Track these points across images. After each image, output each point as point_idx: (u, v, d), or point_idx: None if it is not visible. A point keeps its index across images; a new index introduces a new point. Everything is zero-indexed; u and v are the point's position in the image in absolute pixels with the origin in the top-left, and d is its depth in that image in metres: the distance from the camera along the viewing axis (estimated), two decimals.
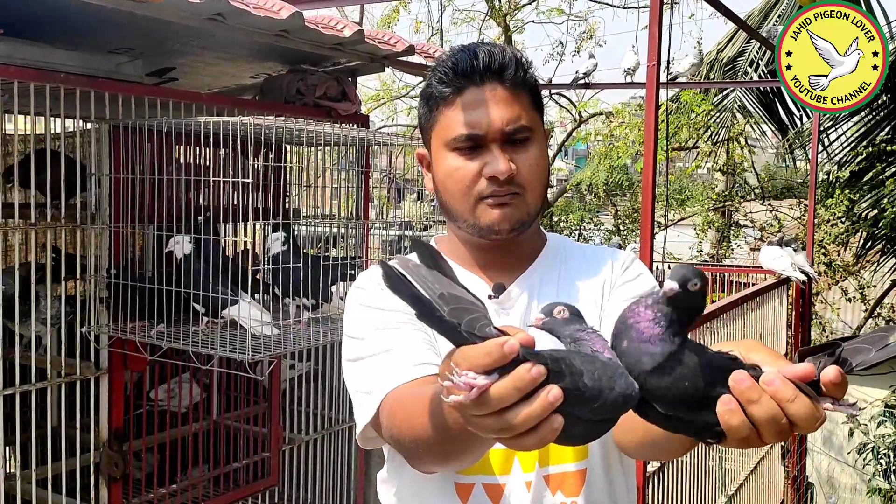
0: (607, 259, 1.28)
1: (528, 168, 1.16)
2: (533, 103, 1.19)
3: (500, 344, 0.67)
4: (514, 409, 0.68)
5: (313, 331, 2.36)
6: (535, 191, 1.18)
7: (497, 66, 1.15)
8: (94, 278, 2.32)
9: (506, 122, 1.15)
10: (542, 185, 1.20)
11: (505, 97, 1.15)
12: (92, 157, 2.34)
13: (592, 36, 9.25)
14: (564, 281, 1.25)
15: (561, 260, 1.27)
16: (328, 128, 2.35)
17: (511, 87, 1.16)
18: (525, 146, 1.17)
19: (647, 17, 2.97)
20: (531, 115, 1.17)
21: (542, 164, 1.19)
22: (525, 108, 1.17)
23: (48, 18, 2.31)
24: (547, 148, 1.23)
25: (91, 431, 2.39)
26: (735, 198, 8.49)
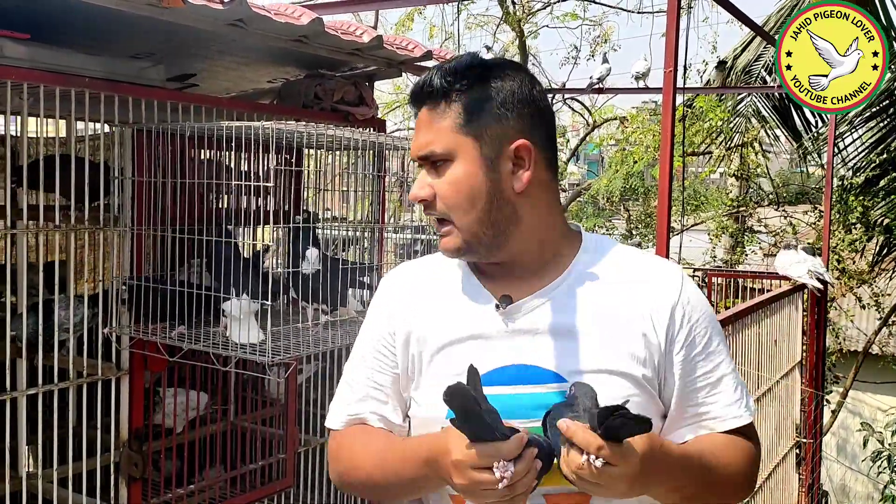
0: (660, 288, 1.17)
1: (442, 193, 1.14)
2: (460, 124, 1.13)
3: (522, 440, 1.01)
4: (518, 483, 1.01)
5: (330, 334, 2.38)
6: (460, 217, 1.14)
7: (423, 90, 1.15)
8: (116, 280, 2.35)
9: (417, 148, 1.16)
10: (470, 210, 1.13)
11: (424, 121, 1.16)
12: (115, 160, 2.37)
13: (607, 40, 9.25)
14: (594, 302, 1.16)
15: (596, 275, 1.18)
16: (347, 132, 2.37)
17: (432, 111, 1.15)
18: (443, 170, 1.14)
19: (662, 21, 2.98)
20: (449, 138, 1.13)
21: (458, 188, 1.13)
22: (443, 131, 1.13)
23: (72, 24, 2.34)
24: (486, 167, 1.13)
25: (111, 431, 2.41)
26: (749, 203, 8.46)
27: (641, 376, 1.14)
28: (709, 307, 1.22)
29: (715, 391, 1.18)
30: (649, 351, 1.15)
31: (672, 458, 1.09)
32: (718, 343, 1.19)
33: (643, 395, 1.14)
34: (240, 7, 2.29)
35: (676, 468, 1.10)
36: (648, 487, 1.07)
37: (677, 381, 1.16)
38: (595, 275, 1.19)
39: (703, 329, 1.18)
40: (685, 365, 1.16)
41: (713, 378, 1.17)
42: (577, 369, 1.13)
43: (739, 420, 1.18)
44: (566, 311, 1.16)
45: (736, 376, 1.20)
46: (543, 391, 1.13)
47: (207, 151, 2.68)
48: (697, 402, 1.17)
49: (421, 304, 1.23)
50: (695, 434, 1.18)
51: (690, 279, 1.23)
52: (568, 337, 1.15)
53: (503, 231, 1.16)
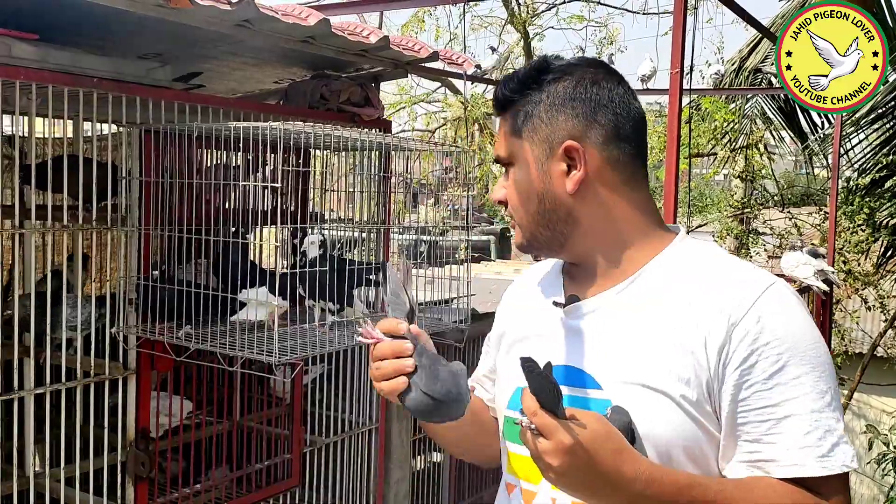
0: (727, 303, 1.06)
1: (509, 193, 1.20)
2: (511, 128, 1.18)
3: (400, 324, 1.15)
4: (385, 361, 1.12)
5: (337, 334, 2.39)
6: (520, 217, 1.19)
7: (495, 102, 1.23)
8: (124, 280, 2.36)
9: (494, 153, 1.26)
10: (527, 210, 1.17)
11: (500, 127, 1.22)
12: (123, 160, 2.38)
13: (613, 42, 9.24)
14: (652, 312, 1.11)
15: (662, 283, 1.13)
16: (355, 133, 2.38)
17: (501, 118, 1.22)
18: (508, 173, 1.21)
19: (667, 22, 2.97)
20: (505, 143, 1.20)
21: (516, 190, 1.18)
22: (502, 137, 1.21)
23: (81, 24, 2.35)
24: (540, 169, 1.15)
25: (118, 431, 2.42)
26: (754, 205, 8.45)
27: (680, 396, 1.06)
28: (800, 333, 1.05)
29: (778, 430, 1.03)
30: (695, 371, 1.06)
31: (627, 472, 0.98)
32: (798, 377, 1.02)
33: (682, 417, 1.06)
34: (248, 8, 2.29)
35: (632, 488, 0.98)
36: (594, 495, 0.99)
37: (727, 407, 1.05)
38: (663, 282, 1.13)
39: (775, 356, 1.03)
40: (738, 390, 1.04)
41: (778, 414, 1.02)
42: (614, 379, 1.10)
43: (801, 469, 1.01)
44: (619, 318, 1.13)
45: (818, 420, 1.02)
46: (581, 395, 1.13)
47: (215, 152, 2.69)
48: (754, 437, 1.04)
49: (515, 304, 1.34)
50: (750, 473, 1.05)
51: (786, 298, 1.07)
52: (614, 344, 1.12)
53: (560, 231, 1.17)
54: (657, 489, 0.99)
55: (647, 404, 1.07)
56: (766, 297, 1.06)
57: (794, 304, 1.08)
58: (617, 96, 1.15)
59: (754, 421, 1.03)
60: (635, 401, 1.07)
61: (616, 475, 0.97)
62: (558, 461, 0.96)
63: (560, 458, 0.96)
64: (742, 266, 1.14)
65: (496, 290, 4.39)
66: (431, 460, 3.79)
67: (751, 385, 1.03)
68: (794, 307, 1.07)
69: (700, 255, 1.15)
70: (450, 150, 3.21)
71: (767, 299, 1.06)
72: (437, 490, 3.81)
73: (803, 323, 1.06)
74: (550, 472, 0.99)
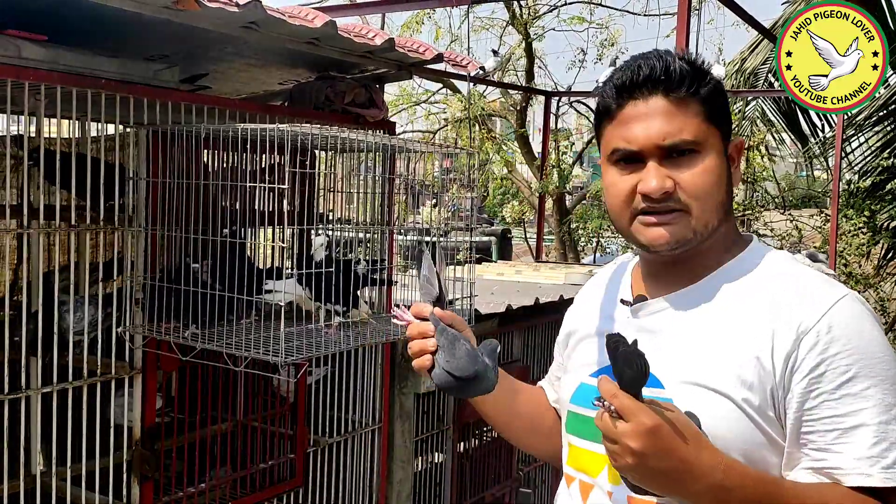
0: (797, 311, 1.07)
1: (691, 184, 1.11)
2: (706, 114, 1.12)
3: (424, 307, 1.28)
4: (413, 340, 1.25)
5: (343, 335, 2.40)
6: (702, 207, 1.11)
7: (660, 76, 1.11)
8: (131, 279, 2.37)
9: (662, 137, 1.10)
10: (714, 201, 1.12)
11: (666, 109, 1.11)
12: (130, 160, 2.39)
13: (614, 44, 9.26)
14: (720, 315, 1.12)
15: (733, 287, 1.14)
16: (360, 135, 2.39)
17: (675, 99, 1.11)
18: (690, 160, 1.11)
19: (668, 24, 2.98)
20: (699, 128, 1.11)
21: (711, 178, 1.11)
22: (691, 121, 1.11)
23: (88, 25, 2.36)
24: (725, 159, 1.14)
25: (124, 430, 2.43)
26: (755, 207, 8.46)
27: (742, 400, 1.06)
28: (869, 345, 1.05)
29: (845, 439, 1.03)
30: (759, 376, 1.06)
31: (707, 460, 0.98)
32: (868, 388, 1.03)
33: (743, 421, 1.07)
34: (255, 9, 2.31)
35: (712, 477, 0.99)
36: (669, 484, 0.98)
37: (793, 416, 1.06)
38: (733, 286, 1.14)
39: (845, 366, 1.03)
40: (806, 399, 1.05)
41: (846, 424, 1.03)
42: (676, 378, 1.11)
43: (867, 479, 1.02)
44: (687, 318, 1.14)
45: (885, 432, 1.03)
46: (649, 394, 1.11)
47: (221, 153, 2.70)
48: (820, 446, 1.05)
49: (585, 304, 1.35)
50: (816, 480, 1.06)
51: (857, 310, 1.08)
52: (679, 344, 1.13)
53: (719, 225, 1.15)
54: (737, 480, 1.00)
55: (708, 405, 1.07)
56: (838, 308, 1.07)
57: (866, 317, 1.08)
58: None
59: (821, 430, 1.04)
60: (697, 401, 1.08)
61: (696, 461, 0.98)
62: (639, 443, 0.96)
63: (641, 441, 0.96)
64: (814, 276, 1.15)
65: (498, 292, 4.40)
66: (434, 461, 3.80)
67: (819, 394, 1.04)
68: (866, 319, 1.08)
69: (772, 262, 1.17)
70: (453, 151, 3.22)
71: (839, 310, 1.06)
72: (440, 490, 3.82)
73: (874, 335, 1.07)
74: (628, 455, 0.97)
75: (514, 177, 10.12)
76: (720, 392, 1.08)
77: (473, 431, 3.97)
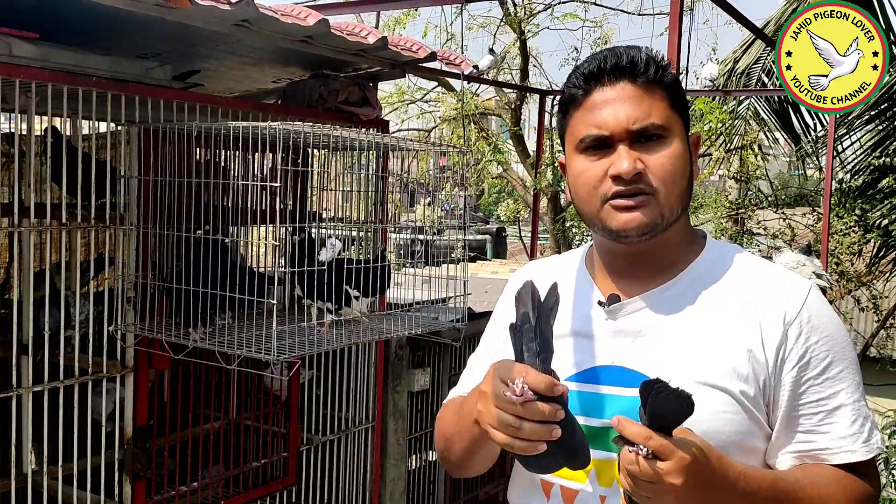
0: (777, 304, 1.11)
1: (659, 167, 1.11)
2: (671, 101, 1.13)
3: (557, 384, 0.98)
4: (530, 423, 0.98)
5: (335, 333, 2.40)
6: (668, 192, 1.12)
7: (626, 63, 1.13)
8: (122, 277, 2.36)
9: (632, 121, 1.11)
10: (679, 187, 1.13)
11: (634, 94, 1.12)
12: (122, 158, 2.39)
13: (607, 42, 9.26)
14: (702, 312, 1.13)
15: (710, 283, 1.15)
16: (353, 133, 2.39)
17: (643, 84, 1.12)
18: (658, 145, 1.12)
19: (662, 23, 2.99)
20: (665, 114, 1.12)
21: (678, 164, 1.13)
22: (658, 106, 1.12)
23: (80, 23, 2.36)
24: (688, 149, 1.16)
25: (116, 429, 2.43)
26: (748, 206, 8.49)
27: (739, 392, 1.09)
28: (837, 330, 1.13)
29: (829, 420, 1.10)
30: (753, 368, 1.10)
31: (731, 474, 1.03)
32: (842, 370, 1.11)
33: (741, 413, 1.10)
34: (247, 8, 2.30)
35: (737, 489, 1.03)
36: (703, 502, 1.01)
37: (784, 403, 1.10)
38: (709, 282, 1.15)
39: (824, 352, 1.11)
40: (796, 387, 1.10)
41: (828, 406, 1.10)
42: (671, 377, 1.08)
43: (852, 455, 1.10)
44: (670, 317, 1.14)
45: (859, 409, 1.12)
46: (632, 395, 1.11)
47: (214, 151, 2.70)
48: (807, 429, 1.11)
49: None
50: (800, 462, 1.12)
51: (822, 299, 1.14)
52: (667, 343, 1.13)
53: (681, 215, 1.16)
54: (755, 485, 1.05)
55: (708, 401, 1.08)
56: (811, 298, 1.13)
57: (828, 304, 1.17)
58: None
59: (808, 413, 1.11)
60: (696, 398, 1.06)
61: (724, 480, 1.02)
62: (682, 479, 0.97)
63: (683, 476, 0.97)
64: (779, 269, 1.19)
65: (492, 290, 4.41)
66: (427, 459, 3.81)
67: (806, 380, 1.10)
68: (829, 307, 1.16)
69: (737, 257, 1.20)
70: (446, 149, 3.23)
71: (812, 300, 1.13)
72: (433, 489, 3.82)
73: (838, 321, 1.16)
74: (669, 493, 0.98)
75: (508, 175, 10.13)
76: (718, 387, 1.10)
77: None
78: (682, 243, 1.19)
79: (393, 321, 2.67)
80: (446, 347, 3.65)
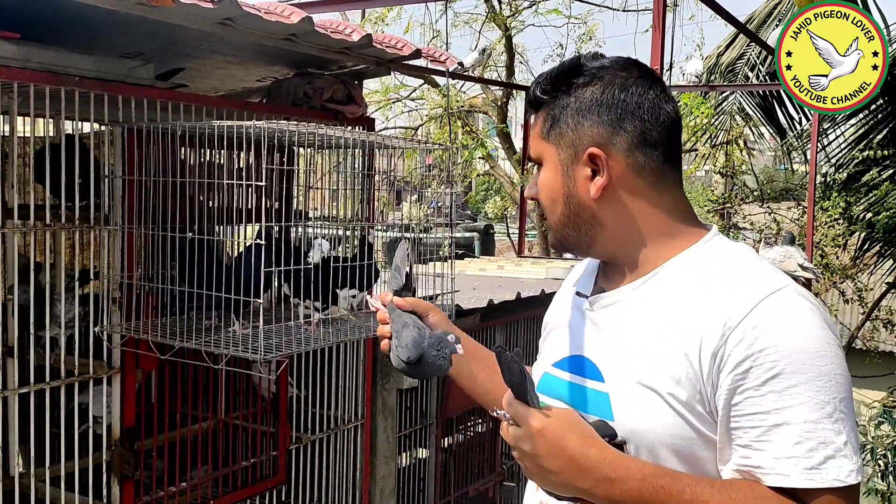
0: (724, 308, 1.06)
1: (539, 192, 1.23)
2: (543, 131, 1.20)
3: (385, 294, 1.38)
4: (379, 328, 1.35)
5: (323, 331, 2.40)
6: (549, 213, 1.22)
7: (530, 100, 1.24)
8: (108, 278, 2.35)
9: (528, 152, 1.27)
10: (556, 210, 1.20)
11: (533, 128, 1.24)
12: (105, 158, 2.37)
13: (592, 38, 9.29)
14: (657, 312, 1.13)
15: (676, 283, 1.14)
16: (339, 131, 2.39)
17: (534, 117, 1.23)
18: (538, 173, 1.23)
19: (647, 19, 3.00)
20: (536, 144, 1.22)
21: (545, 191, 1.21)
22: (535, 138, 1.22)
23: (63, 23, 2.34)
24: (565, 173, 1.18)
25: (103, 430, 2.42)
26: (734, 200, 8.54)
27: (668, 394, 1.07)
28: (801, 341, 1.01)
29: (767, 437, 1.01)
30: (686, 372, 1.06)
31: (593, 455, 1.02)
32: (794, 386, 1.00)
33: (672, 416, 1.07)
34: (230, 6, 2.30)
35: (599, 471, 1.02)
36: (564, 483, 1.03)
37: (721, 411, 1.04)
38: (675, 281, 1.14)
39: (771, 362, 1.01)
40: (731, 395, 1.03)
41: (769, 422, 1.01)
42: (616, 373, 1.14)
43: (785, 479, 1.00)
44: (632, 313, 1.16)
45: (812, 431, 1.00)
46: (591, 387, 1.17)
47: (198, 150, 2.69)
48: (745, 443, 1.03)
49: (558, 296, 1.38)
50: (739, 476, 1.04)
51: (791, 305, 1.04)
52: (622, 339, 1.15)
53: (586, 233, 1.20)
54: (623, 472, 1.02)
55: (639, 400, 1.10)
56: (767, 303, 1.04)
57: (799, 311, 1.04)
58: (646, 101, 1.14)
59: (745, 426, 1.02)
60: (630, 396, 1.11)
61: (583, 458, 1.03)
62: (529, 445, 1.04)
63: (531, 442, 1.04)
64: (752, 270, 1.11)
65: (480, 287, 4.41)
66: (417, 456, 3.81)
67: (744, 390, 1.02)
68: (798, 314, 1.04)
69: (719, 255, 1.14)
70: (432, 147, 3.23)
71: (769, 305, 1.03)
72: (423, 486, 3.83)
73: (806, 331, 1.02)
74: (525, 459, 1.06)
75: (496, 172, 10.13)
76: (649, 387, 1.09)
77: (457, 426, 3.99)
78: (652, 242, 1.17)
79: None
80: None
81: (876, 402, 7.45)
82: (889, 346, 8.21)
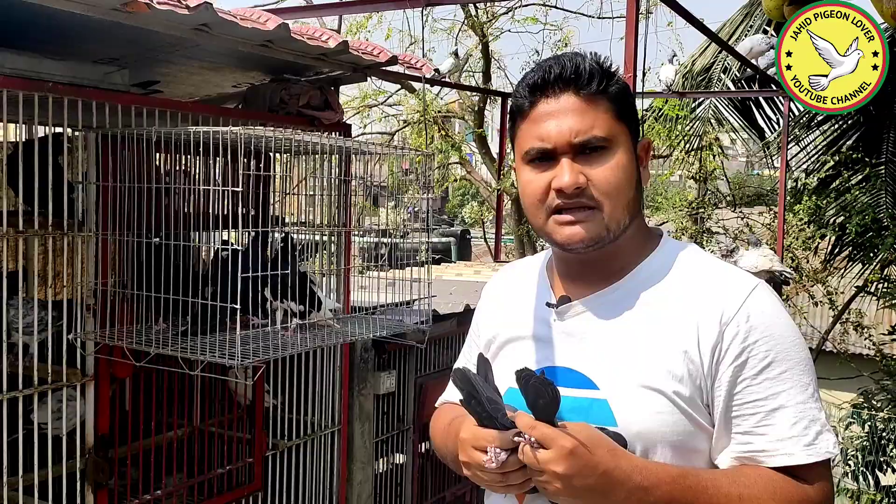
0: (716, 303, 1.11)
1: (602, 180, 1.12)
2: (616, 112, 1.14)
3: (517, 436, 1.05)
4: (514, 473, 1.07)
5: (300, 336, 2.40)
6: (614, 204, 1.13)
7: (570, 74, 1.12)
8: (81, 285, 2.34)
9: (575, 133, 1.11)
10: (625, 198, 1.14)
11: (577, 106, 1.12)
12: (80, 164, 2.36)
13: (568, 45, 9.36)
14: (643, 313, 1.14)
15: (654, 284, 1.16)
16: (315, 137, 2.39)
17: (586, 97, 1.12)
18: (601, 157, 1.12)
19: (622, 27, 3.04)
20: (609, 125, 1.13)
21: (622, 175, 1.13)
22: (601, 118, 1.12)
23: (36, 28, 2.32)
24: (635, 158, 1.16)
25: (77, 437, 2.39)
26: (707, 205, 8.65)
27: (673, 392, 1.10)
28: (783, 331, 1.10)
29: (767, 422, 1.08)
30: (688, 368, 1.10)
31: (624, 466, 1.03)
32: (784, 371, 1.08)
33: (676, 414, 1.10)
34: (205, 12, 2.29)
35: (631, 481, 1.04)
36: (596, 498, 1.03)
37: (721, 403, 1.10)
38: (653, 283, 1.16)
39: (763, 352, 1.08)
40: (732, 387, 1.09)
41: (767, 407, 1.08)
42: (610, 378, 1.13)
43: (790, 458, 1.07)
44: (613, 318, 1.15)
45: (804, 411, 1.08)
46: (577, 395, 1.15)
47: (173, 156, 2.68)
48: (745, 430, 1.09)
49: (501, 306, 1.32)
50: (738, 465, 1.10)
51: (769, 299, 1.12)
52: (609, 344, 1.15)
53: (630, 223, 1.17)
54: (654, 479, 1.05)
55: (643, 402, 1.11)
56: (753, 298, 1.11)
57: (776, 304, 1.14)
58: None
59: (745, 414, 1.09)
60: (632, 399, 1.11)
61: (616, 471, 1.03)
62: (563, 467, 1.01)
63: (564, 464, 1.01)
64: (726, 268, 1.18)
65: (457, 292, 4.43)
66: (394, 462, 3.81)
67: (742, 380, 1.09)
68: (777, 306, 1.13)
69: (686, 257, 1.19)
70: (409, 153, 3.24)
71: (755, 299, 1.11)
72: (400, 491, 3.83)
73: (786, 321, 1.12)
74: (556, 481, 1.02)
75: (472, 177, 10.17)
76: (653, 388, 1.11)
77: None
78: (634, 246, 1.20)
79: (358, 324, 2.68)
80: (412, 349, 3.67)
81: (846, 404, 7.58)
82: (859, 349, 8.34)
